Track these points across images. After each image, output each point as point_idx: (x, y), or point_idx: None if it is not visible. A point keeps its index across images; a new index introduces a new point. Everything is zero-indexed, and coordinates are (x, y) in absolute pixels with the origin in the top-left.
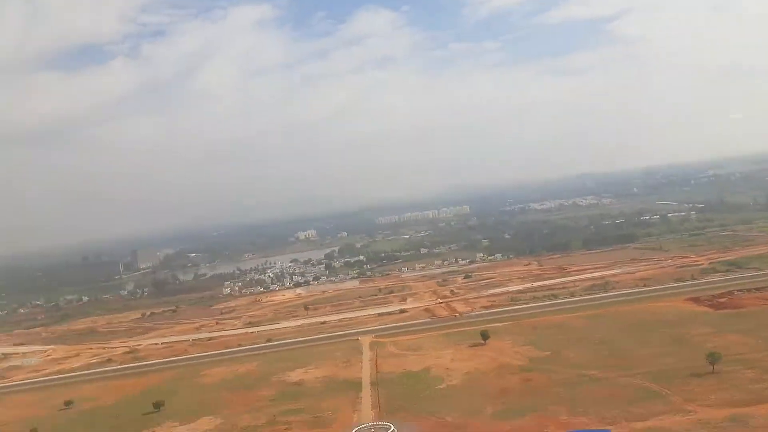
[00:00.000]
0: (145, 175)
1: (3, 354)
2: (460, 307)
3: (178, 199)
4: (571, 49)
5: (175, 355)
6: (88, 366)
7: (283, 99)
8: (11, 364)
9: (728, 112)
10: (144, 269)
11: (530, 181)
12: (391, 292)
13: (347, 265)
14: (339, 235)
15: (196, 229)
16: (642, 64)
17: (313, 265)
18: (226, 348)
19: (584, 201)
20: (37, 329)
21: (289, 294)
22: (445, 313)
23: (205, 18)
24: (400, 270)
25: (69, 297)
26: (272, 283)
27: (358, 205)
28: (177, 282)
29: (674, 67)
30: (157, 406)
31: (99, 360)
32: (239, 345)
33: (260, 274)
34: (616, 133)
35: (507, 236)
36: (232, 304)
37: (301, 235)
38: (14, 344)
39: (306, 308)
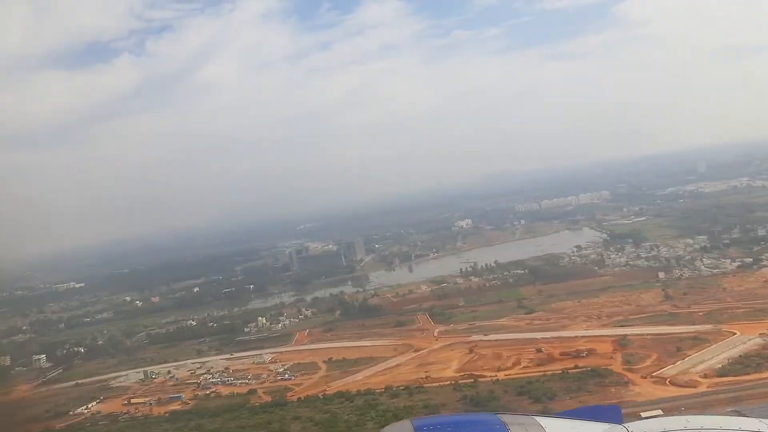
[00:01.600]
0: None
1: None
2: None
3: (190, 198)
4: (576, 33)
5: None
6: None
7: (287, 91)
8: None
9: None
10: (363, 260)
11: (574, 167)
12: None
13: (702, 248)
14: (516, 224)
15: (244, 225)
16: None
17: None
18: None
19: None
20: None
21: None
22: None
23: (211, 12)
24: None
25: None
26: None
27: (388, 195)
28: (548, 269)
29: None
30: None
31: None
32: None
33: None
34: (631, 117)
35: None
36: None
37: (462, 224)
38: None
39: None
